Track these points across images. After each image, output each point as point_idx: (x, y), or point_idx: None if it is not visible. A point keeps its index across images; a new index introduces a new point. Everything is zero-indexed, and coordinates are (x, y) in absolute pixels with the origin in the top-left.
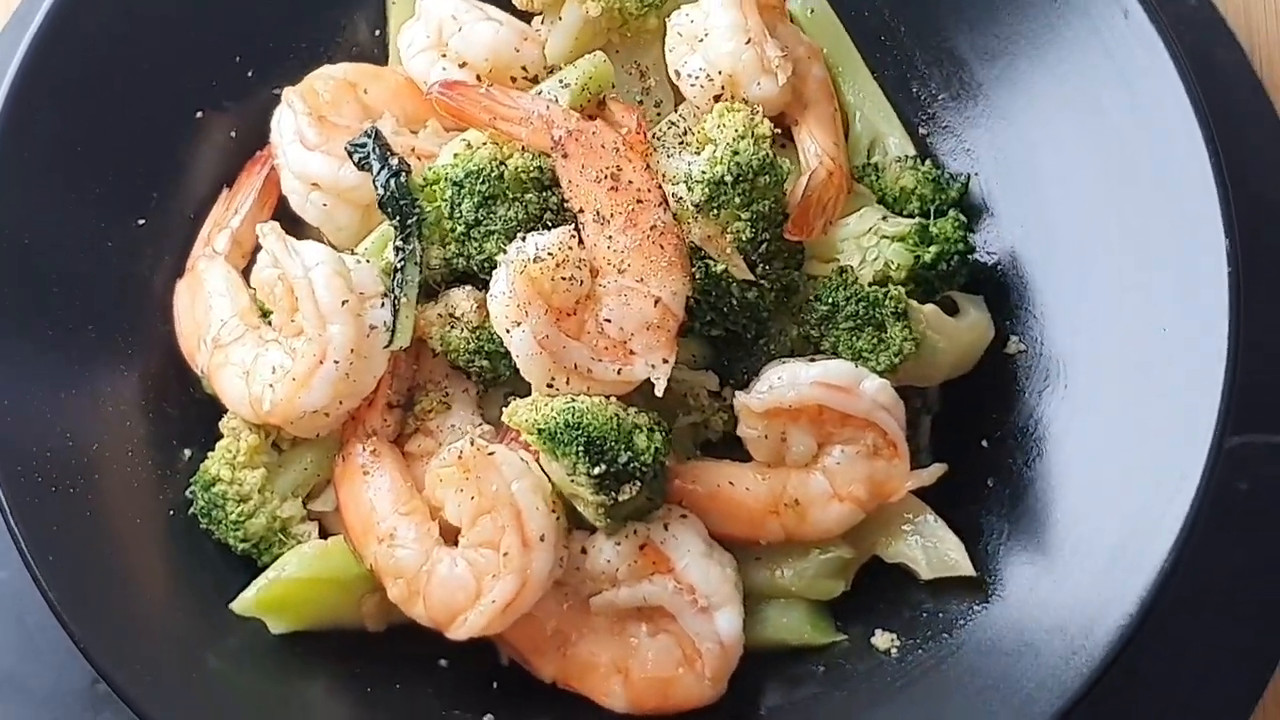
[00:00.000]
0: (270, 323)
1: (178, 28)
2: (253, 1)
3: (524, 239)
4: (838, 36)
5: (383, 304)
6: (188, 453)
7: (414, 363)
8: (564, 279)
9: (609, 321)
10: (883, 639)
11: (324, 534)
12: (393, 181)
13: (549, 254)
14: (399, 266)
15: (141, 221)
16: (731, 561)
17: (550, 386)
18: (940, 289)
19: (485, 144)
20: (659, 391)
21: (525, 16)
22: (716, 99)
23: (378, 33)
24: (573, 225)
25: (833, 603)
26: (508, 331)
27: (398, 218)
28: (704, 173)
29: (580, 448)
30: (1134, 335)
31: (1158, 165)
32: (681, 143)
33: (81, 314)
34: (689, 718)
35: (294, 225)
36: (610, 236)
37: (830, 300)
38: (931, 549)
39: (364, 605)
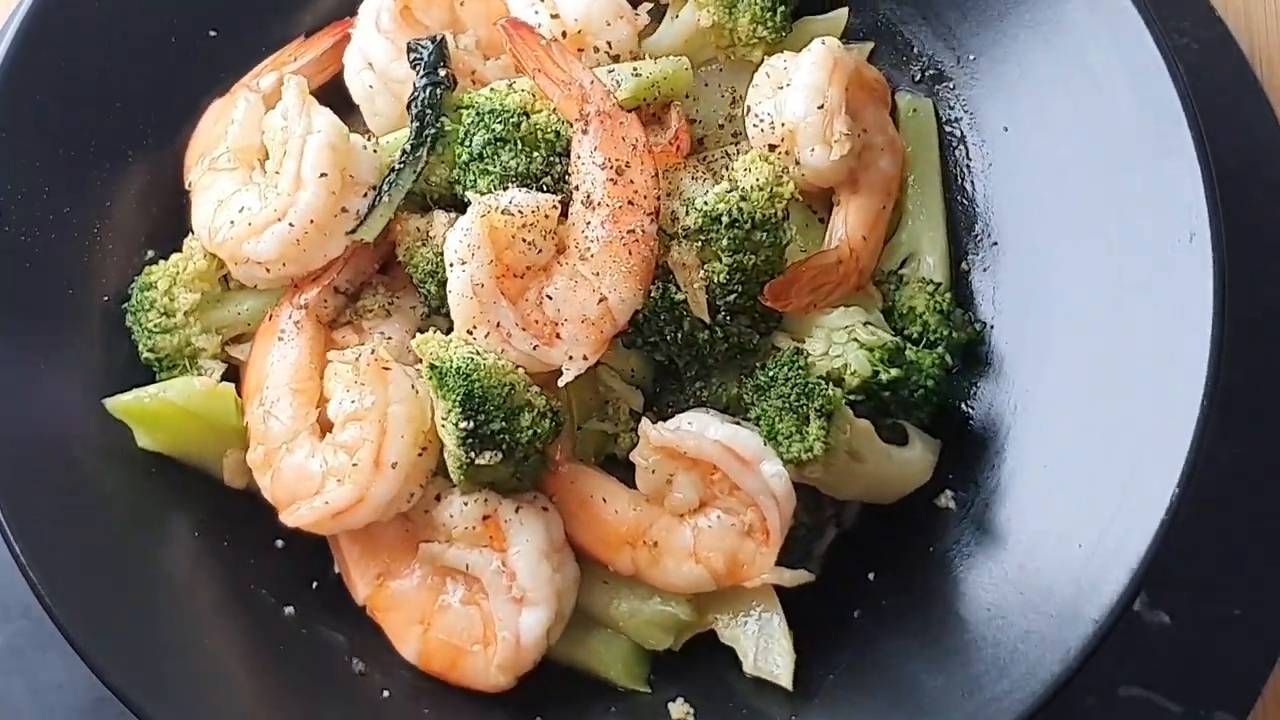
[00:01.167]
0: (265, 169)
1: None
2: None
3: (506, 189)
4: (927, 145)
5: (366, 194)
6: None
7: (376, 262)
8: (524, 241)
9: (549, 299)
10: (679, 708)
11: (229, 380)
12: (429, 89)
13: (519, 211)
14: (397, 167)
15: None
16: (574, 572)
17: (470, 334)
18: (895, 415)
19: (522, 92)
20: (561, 382)
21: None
22: (771, 148)
23: None
24: (560, 198)
25: (657, 654)
26: (451, 265)
27: (417, 123)
28: (705, 204)
29: (459, 397)
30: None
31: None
32: (713, 172)
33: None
34: (478, 697)
35: (348, 107)
36: (589, 223)
37: (770, 373)
38: (763, 648)
39: (227, 457)
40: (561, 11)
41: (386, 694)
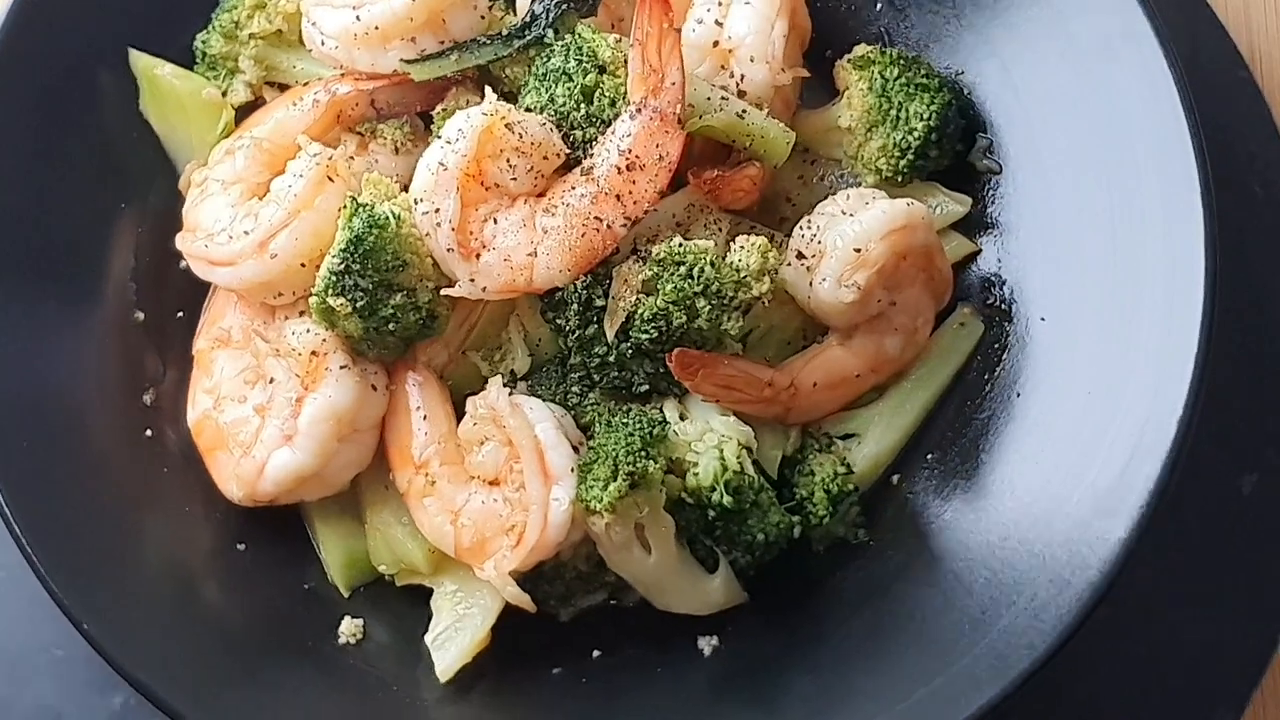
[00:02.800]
0: None
1: None
2: None
3: (525, 109)
4: (950, 361)
5: (444, 43)
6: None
7: (418, 106)
8: (509, 163)
9: (494, 223)
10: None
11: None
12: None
13: (521, 135)
14: (484, 40)
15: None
16: (357, 456)
17: (414, 204)
18: (717, 541)
19: (616, 53)
20: (444, 292)
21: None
22: (800, 256)
23: None
24: (571, 155)
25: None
26: (437, 138)
27: (529, 18)
28: (678, 245)
29: (351, 237)
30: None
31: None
32: (723, 231)
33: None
34: None
35: None
36: (574, 189)
37: (623, 420)
38: (449, 634)
39: (188, 166)
40: (729, 24)
41: None
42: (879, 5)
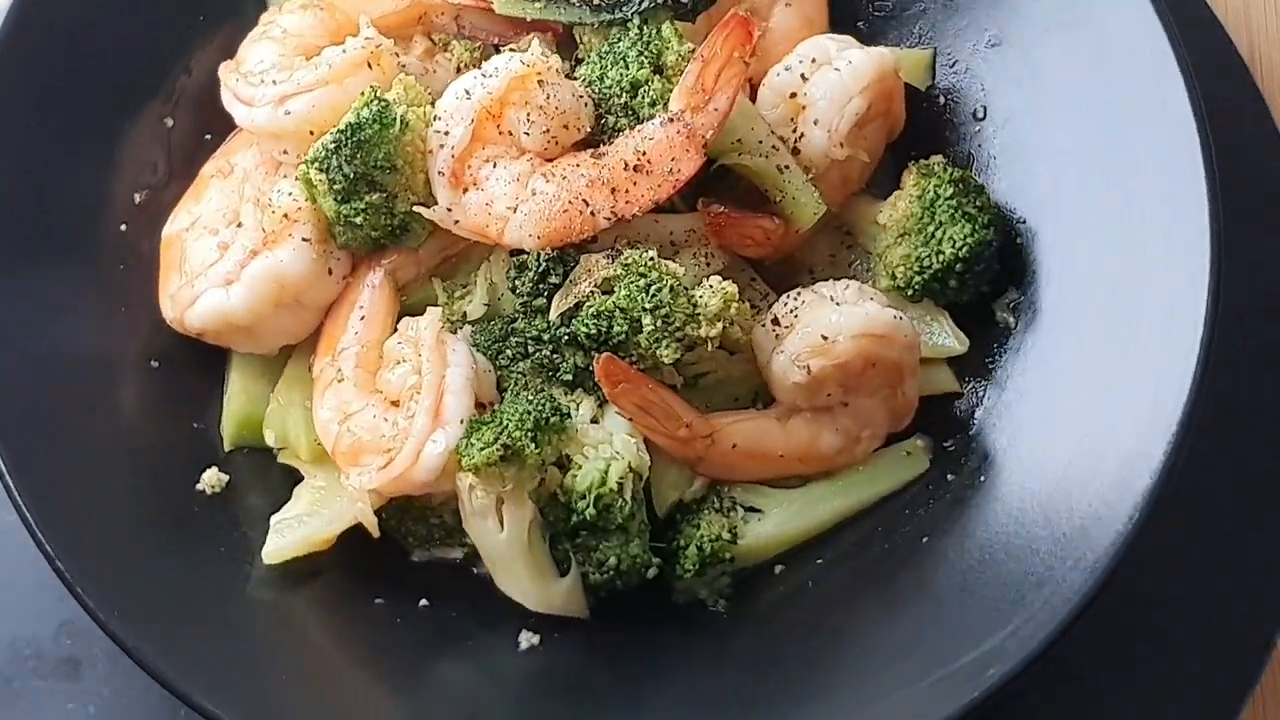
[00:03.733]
0: None
1: None
2: None
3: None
4: (873, 481)
5: None
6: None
7: (505, 32)
8: (528, 116)
9: (492, 166)
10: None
11: None
12: None
13: (549, 96)
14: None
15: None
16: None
17: (435, 119)
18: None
19: (681, 62)
20: (417, 210)
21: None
22: (774, 321)
23: None
24: (590, 134)
25: None
26: (475, 68)
27: None
28: (648, 259)
29: (355, 119)
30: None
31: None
32: (709, 267)
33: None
34: None
35: None
36: (577, 165)
37: (526, 395)
38: None
39: None
40: (812, 83)
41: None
42: (977, 126)
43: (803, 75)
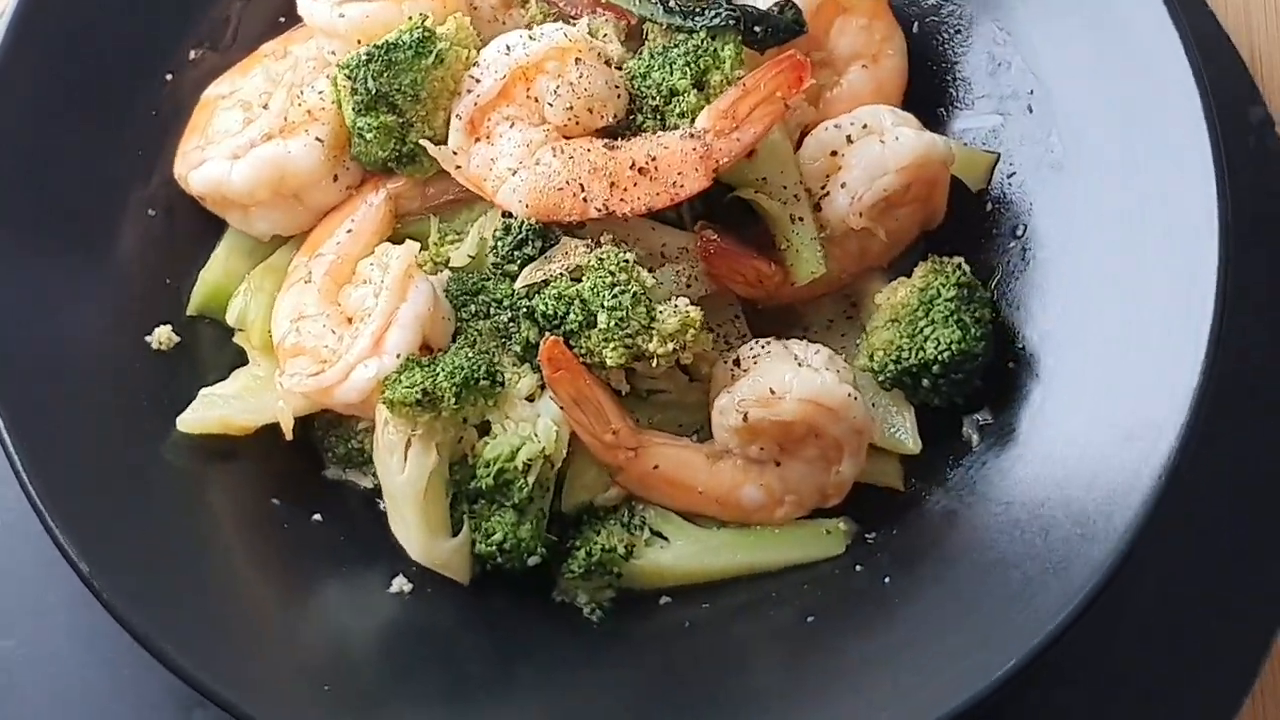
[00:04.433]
0: None
1: None
2: None
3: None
4: (784, 547)
5: None
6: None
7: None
8: (556, 88)
9: (508, 126)
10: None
11: None
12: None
13: (580, 77)
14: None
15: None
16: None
17: (470, 60)
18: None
19: (724, 83)
20: (423, 141)
21: None
22: (735, 363)
23: None
24: (617, 123)
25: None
26: (522, 31)
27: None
28: (624, 261)
29: (386, 45)
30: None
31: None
32: (688, 288)
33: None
34: None
35: None
36: (587, 150)
37: (468, 353)
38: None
39: None
40: (855, 148)
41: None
42: (1012, 242)
43: (849, 137)
